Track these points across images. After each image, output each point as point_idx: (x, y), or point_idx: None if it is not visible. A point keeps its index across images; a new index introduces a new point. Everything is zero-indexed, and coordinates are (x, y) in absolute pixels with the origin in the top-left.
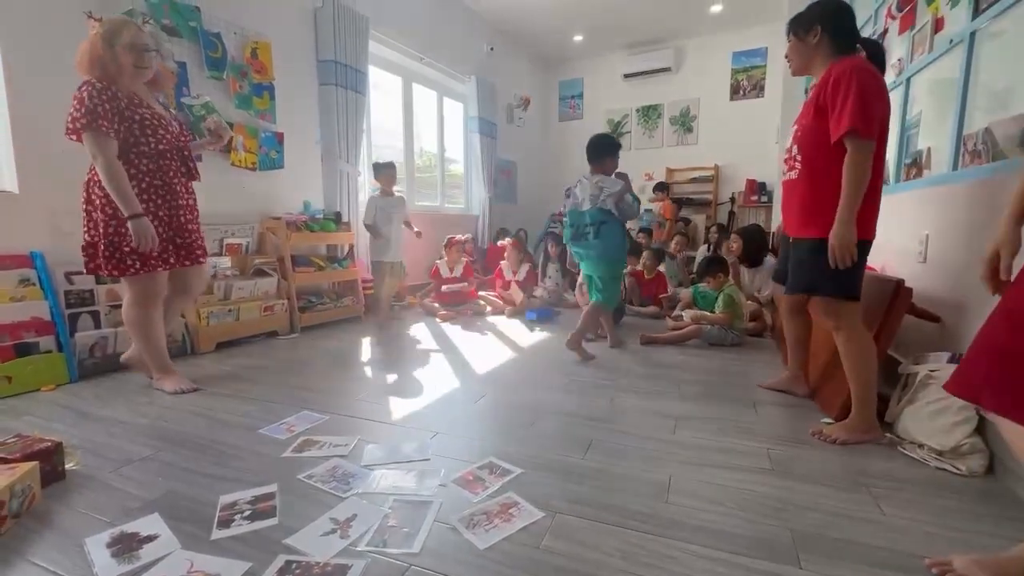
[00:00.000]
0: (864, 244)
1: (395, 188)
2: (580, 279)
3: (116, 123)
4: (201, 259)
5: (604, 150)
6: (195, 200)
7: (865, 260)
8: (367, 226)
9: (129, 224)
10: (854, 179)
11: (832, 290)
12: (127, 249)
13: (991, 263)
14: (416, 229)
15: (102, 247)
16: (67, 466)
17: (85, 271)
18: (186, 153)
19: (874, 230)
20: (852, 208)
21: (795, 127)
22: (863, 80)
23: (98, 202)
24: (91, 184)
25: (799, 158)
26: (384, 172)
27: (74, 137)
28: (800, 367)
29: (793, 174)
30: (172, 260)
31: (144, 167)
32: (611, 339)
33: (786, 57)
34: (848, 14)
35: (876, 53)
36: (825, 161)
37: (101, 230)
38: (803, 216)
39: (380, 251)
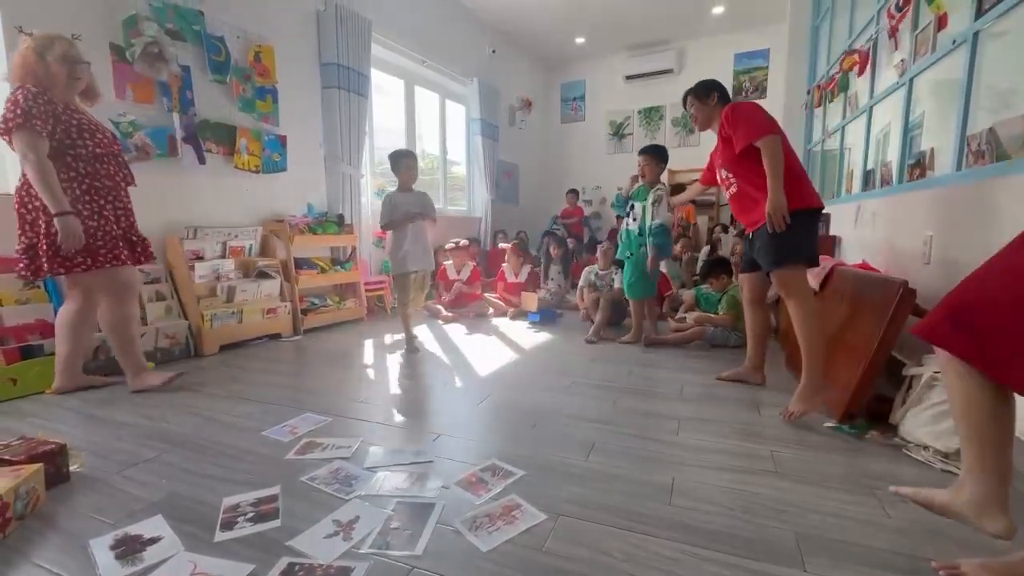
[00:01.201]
0: (811, 213)
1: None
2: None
3: (51, 125)
4: (153, 258)
5: None
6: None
7: (817, 227)
8: (382, 227)
9: (56, 222)
10: (771, 163)
11: (797, 258)
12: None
13: None
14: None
15: (44, 246)
16: (71, 468)
17: (27, 274)
18: (121, 159)
19: (818, 199)
20: (777, 183)
21: (718, 161)
22: (741, 109)
23: (39, 204)
24: (27, 188)
25: (732, 178)
26: (400, 163)
27: (6, 138)
28: (760, 358)
29: (733, 189)
30: (124, 256)
31: (83, 169)
32: (634, 335)
33: (692, 118)
34: (723, 86)
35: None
36: (748, 171)
37: (43, 230)
38: (753, 212)
39: (399, 261)
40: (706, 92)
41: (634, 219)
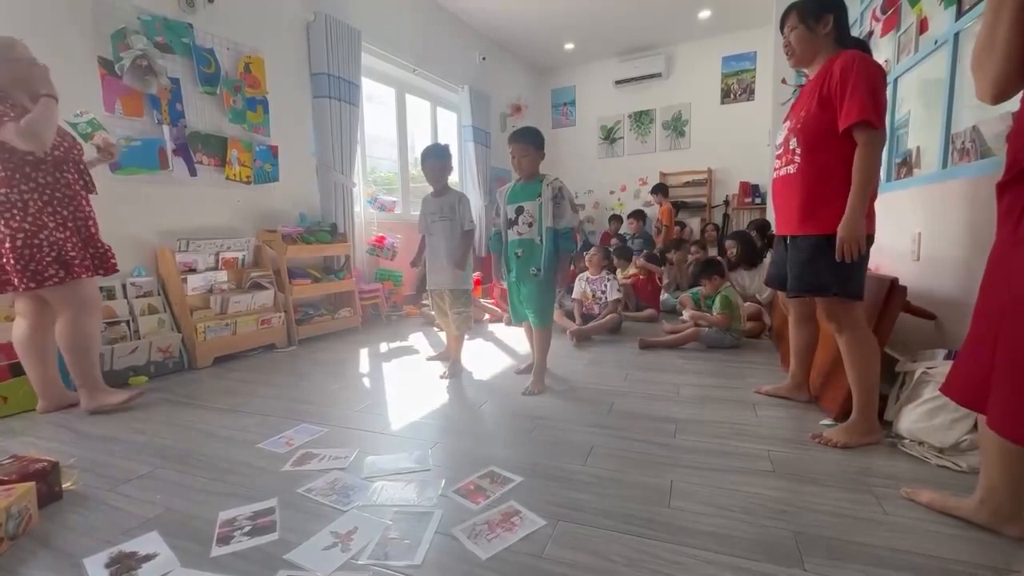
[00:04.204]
0: (868, 240)
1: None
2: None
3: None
4: (117, 268)
5: None
6: (95, 212)
7: (868, 258)
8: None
9: (43, 100)
10: (866, 170)
11: (838, 290)
12: (48, 259)
13: None
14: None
15: (12, 261)
16: (64, 486)
17: None
18: (82, 166)
19: (874, 225)
20: (864, 200)
21: (789, 122)
22: (872, 72)
23: (2, 220)
24: None
25: (799, 152)
26: (422, 163)
27: None
28: (804, 374)
29: (791, 168)
30: (92, 269)
31: (42, 179)
32: (538, 376)
33: (786, 48)
34: (845, 12)
35: (866, 51)
36: (829, 154)
37: (8, 245)
38: (804, 212)
39: (427, 271)
40: (817, 11)
41: (528, 224)
